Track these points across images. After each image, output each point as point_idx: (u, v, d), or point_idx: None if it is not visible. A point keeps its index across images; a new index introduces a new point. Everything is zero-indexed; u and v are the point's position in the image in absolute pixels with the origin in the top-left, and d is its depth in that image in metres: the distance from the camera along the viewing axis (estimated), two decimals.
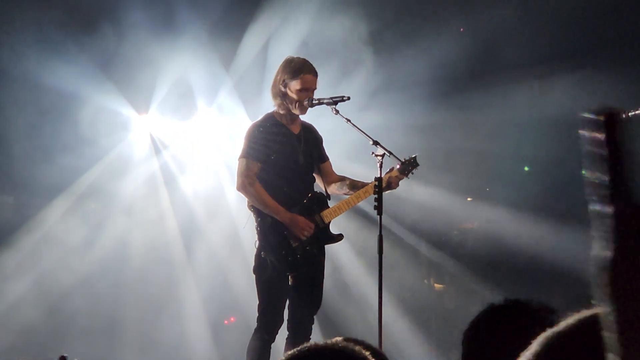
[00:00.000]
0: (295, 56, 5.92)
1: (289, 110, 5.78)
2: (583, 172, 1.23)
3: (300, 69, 5.73)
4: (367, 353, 2.00)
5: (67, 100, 8.17)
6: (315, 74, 5.78)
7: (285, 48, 7.91)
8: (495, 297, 2.39)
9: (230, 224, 8.34)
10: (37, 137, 8.25)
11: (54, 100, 8.18)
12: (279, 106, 5.81)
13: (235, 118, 8.62)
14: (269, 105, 5.98)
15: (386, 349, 4.95)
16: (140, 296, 8.58)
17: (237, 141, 8.20)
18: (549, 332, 1.45)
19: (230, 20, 8.50)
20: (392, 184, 5.69)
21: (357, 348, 1.98)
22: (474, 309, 2.32)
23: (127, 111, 8.54)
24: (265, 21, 8.53)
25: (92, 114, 8.28)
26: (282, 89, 5.75)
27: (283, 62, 5.85)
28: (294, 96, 5.72)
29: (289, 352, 1.97)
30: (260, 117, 5.97)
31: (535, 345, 1.45)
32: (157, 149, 8.79)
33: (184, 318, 8.61)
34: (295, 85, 5.71)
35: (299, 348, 1.98)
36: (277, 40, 8.47)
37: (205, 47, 8.44)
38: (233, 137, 8.45)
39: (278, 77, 5.79)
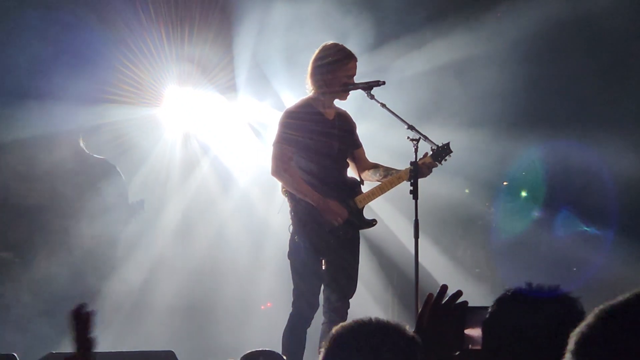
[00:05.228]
0: (331, 42, 5.90)
1: (325, 96, 5.78)
2: None
3: (337, 54, 5.72)
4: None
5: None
6: (354, 58, 5.77)
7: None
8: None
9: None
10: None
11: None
12: (316, 91, 5.79)
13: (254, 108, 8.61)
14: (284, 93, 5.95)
15: None
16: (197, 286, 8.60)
17: (262, 129, 8.25)
18: (604, 307, 1.42)
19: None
20: (423, 171, 5.63)
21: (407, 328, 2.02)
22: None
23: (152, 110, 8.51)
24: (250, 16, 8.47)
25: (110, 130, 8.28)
26: (319, 75, 5.74)
27: (320, 48, 5.84)
28: (333, 81, 5.71)
29: (343, 324, 1.98)
30: (294, 103, 5.99)
31: (590, 318, 1.42)
32: (203, 148, 8.76)
33: (224, 302, 8.65)
34: (332, 69, 5.70)
35: (353, 321, 1.99)
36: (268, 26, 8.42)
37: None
38: (256, 127, 8.50)
39: (314, 63, 5.79)
